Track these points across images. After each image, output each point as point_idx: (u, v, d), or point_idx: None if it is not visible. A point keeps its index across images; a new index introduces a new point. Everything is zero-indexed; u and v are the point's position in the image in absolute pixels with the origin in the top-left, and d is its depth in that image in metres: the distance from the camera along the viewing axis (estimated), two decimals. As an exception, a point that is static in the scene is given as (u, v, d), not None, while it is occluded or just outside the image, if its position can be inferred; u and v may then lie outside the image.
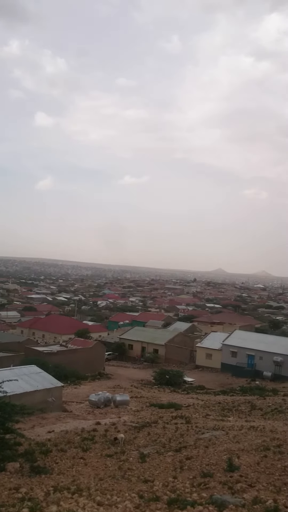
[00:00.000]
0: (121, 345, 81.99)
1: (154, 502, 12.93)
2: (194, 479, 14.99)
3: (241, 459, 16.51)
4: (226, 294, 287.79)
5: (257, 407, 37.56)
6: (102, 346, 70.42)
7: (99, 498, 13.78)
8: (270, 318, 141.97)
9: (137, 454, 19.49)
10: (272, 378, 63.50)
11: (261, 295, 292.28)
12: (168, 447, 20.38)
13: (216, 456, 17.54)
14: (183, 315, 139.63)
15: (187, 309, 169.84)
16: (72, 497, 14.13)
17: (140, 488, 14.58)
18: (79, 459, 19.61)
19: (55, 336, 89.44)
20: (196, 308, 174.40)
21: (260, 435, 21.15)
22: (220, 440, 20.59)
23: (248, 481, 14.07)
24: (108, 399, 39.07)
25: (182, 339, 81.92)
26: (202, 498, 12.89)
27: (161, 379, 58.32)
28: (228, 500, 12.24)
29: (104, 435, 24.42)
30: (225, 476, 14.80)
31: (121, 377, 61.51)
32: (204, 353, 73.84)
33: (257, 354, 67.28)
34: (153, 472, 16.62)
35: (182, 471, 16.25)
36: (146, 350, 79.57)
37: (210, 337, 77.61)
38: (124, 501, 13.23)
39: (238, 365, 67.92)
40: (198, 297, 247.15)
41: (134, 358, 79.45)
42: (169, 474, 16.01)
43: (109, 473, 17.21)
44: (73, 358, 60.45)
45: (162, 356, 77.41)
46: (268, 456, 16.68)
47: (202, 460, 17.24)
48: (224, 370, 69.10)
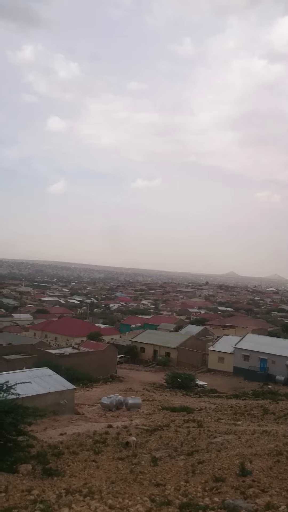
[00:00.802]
0: (133, 348, 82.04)
1: (165, 506, 12.88)
2: (206, 483, 14.91)
3: (253, 464, 16.39)
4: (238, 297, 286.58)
5: (269, 412, 37.27)
6: (114, 349, 70.51)
7: (111, 501, 13.77)
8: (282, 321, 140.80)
9: (149, 457, 19.44)
10: (285, 382, 63.04)
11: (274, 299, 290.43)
12: (180, 450, 20.31)
13: (228, 460, 17.44)
14: (195, 318, 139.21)
15: (199, 312, 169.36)
16: (83, 500, 14.14)
17: (152, 492, 14.54)
18: (91, 462, 19.61)
19: (68, 339, 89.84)
20: (208, 312, 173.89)
21: (272, 440, 20.99)
22: (233, 445, 20.47)
23: (261, 486, 13.96)
24: (120, 402, 39.08)
25: (194, 343, 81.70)
26: (214, 502, 12.81)
27: (173, 383, 58.21)
28: (240, 505, 12.15)
29: (116, 438, 24.40)
30: (238, 480, 14.70)
31: (133, 380, 61.48)
32: (216, 357, 73.55)
33: (269, 358, 66.87)
34: (165, 475, 16.56)
35: (194, 475, 16.17)
36: (158, 353, 79.48)
37: (222, 340, 77.31)
38: (136, 505, 13.20)
39: (250, 369, 67.56)
40: (210, 300, 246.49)
41: (146, 361, 79.39)
42: (181, 478, 15.94)
43: (120, 476, 17.18)
44: (85, 360, 60.61)
45: (174, 359, 77.28)
46: (281, 461, 16.54)
47: (214, 464, 17.14)
48: (236, 373, 68.77)
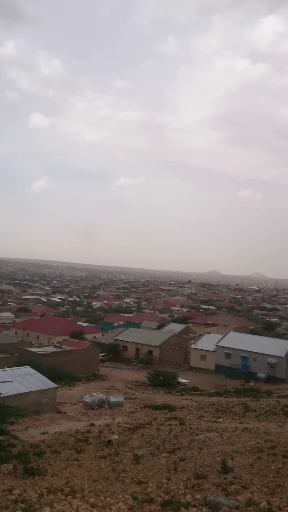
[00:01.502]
0: (116, 347, 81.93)
1: (147, 503, 12.90)
2: (188, 480, 14.98)
3: (235, 461, 16.52)
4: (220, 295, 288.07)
5: (251, 409, 37.61)
6: (96, 347, 70.32)
7: (93, 499, 13.75)
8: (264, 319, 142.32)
9: (131, 455, 19.45)
10: (266, 379, 63.63)
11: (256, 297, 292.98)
12: (162, 448, 20.36)
13: (210, 457, 17.54)
14: (178, 317, 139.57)
15: (181, 310, 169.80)
16: (65, 498, 14.09)
17: (134, 490, 14.56)
18: (73, 461, 19.55)
19: (49, 337, 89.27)
20: (190, 310, 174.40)
21: (254, 437, 21.18)
22: (214, 442, 20.59)
23: (242, 483, 14.08)
24: (102, 400, 39.01)
25: (176, 341, 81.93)
26: (196, 500, 12.88)
27: (155, 381, 58.32)
28: (222, 502, 12.24)
29: (98, 436, 24.36)
30: (219, 477, 14.80)
31: (115, 379, 61.43)
32: (198, 355, 73.87)
33: (251, 356, 67.41)
34: (147, 473, 16.60)
35: (176, 472, 16.23)
36: (141, 352, 79.53)
37: (204, 338, 77.66)
38: (118, 503, 13.20)
39: (232, 367, 68.02)
40: (192, 298, 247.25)
41: (128, 359, 79.39)
42: (163, 476, 15.99)
43: (103, 474, 17.16)
44: (67, 359, 60.33)
45: (157, 357, 77.42)
46: (262, 457, 16.70)
47: (196, 461, 17.23)
48: (218, 371, 69.18)
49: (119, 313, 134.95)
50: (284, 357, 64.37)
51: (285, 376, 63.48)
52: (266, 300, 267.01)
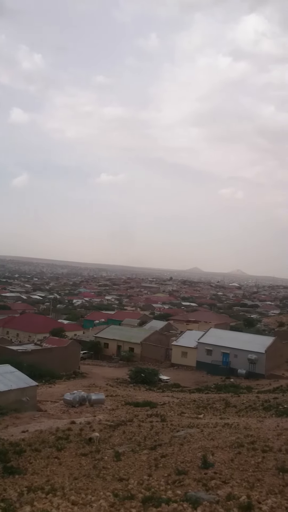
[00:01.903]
0: (97, 344, 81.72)
1: (129, 500, 12.91)
2: (169, 476, 15.03)
3: (215, 456, 16.62)
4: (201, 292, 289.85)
5: (231, 405, 37.92)
6: (77, 345, 70.03)
7: (74, 497, 13.70)
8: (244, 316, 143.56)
9: (112, 452, 19.44)
10: (246, 375, 64.26)
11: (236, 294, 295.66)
12: (143, 445, 20.39)
13: (191, 453, 17.63)
14: (159, 314, 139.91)
15: (163, 307, 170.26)
16: (46, 497, 14.01)
17: (115, 487, 14.55)
18: (53, 459, 19.45)
19: (30, 335, 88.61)
20: (172, 307, 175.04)
21: (234, 432, 21.35)
22: (195, 438, 20.70)
23: (222, 477, 14.17)
24: (83, 398, 38.88)
25: (158, 338, 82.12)
26: (177, 495, 12.93)
27: (137, 378, 58.36)
28: (202, 497, 12.30)
29: (79, 434, 24.29)
30: (200, 473, 14.87)
31: (96, 376, 61.29)
32: (179, 352, 74.17)
33: (232, 352, 67.98)
34: (128, 470, 16.60)
35: (157, 469, 16.27)
36: (122, 349, 79.51)
37: (186, 335, 78.04)
38: (99, 500, 13.18)
39: (213, 363, 68.51)
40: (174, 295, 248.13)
41: (109, 356, 79.30)
42: (144, 472, 16.01)
43: (83, 472, 17.12)
44: (48, 357, 59.93)
45: (138, 354, 77.49)
46: (242, 452, 16.84)
47: (177, 457, 17.29)
48: (199, 368, 69.60)
49: (100, 311, 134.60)
50: (264, 353, 65.08)
51: (265, 372, 64.22)
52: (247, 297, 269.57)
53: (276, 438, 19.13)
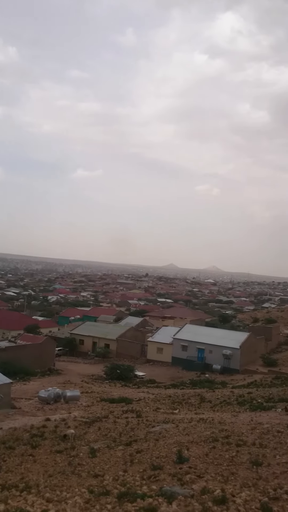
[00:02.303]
0: (72, 341, 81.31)
1: (104, 496, 12.89)
2: (144, 472, 15.07)
3: (190, 451, 16.73)
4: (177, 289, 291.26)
5: (206, 400, 38.25)
6: (52, 341, 69.53)
7: (48, 494, 13.61)
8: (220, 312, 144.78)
9: (87, 449, 19.38)
10: (221, 371, 64.90)
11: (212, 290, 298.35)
12: (119, 441, 20.39)
13: (166, 448, 17.70)
14: (135, 310, 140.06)
15: (138, 303, 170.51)
16: (20, 494, 13.89)
17: (90, 483, 14.52)
18: (28, 456, 19.29)
19: (4, 332, 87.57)
20: (147, 303, 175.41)
21: (209, 427, 21.52)
22: (170, 433, 20.79)
23: (197, 472, 14.28)
24: (58, 395, 38.65)
25: (133, 334, 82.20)
26: (152, 490, 12.97)
27: (112, 374, 58.34)
28: (177, 492, 12.37)
29: (54, 431, 24.15)
30: (175, 468, 14.96)
31: (71, 373, 61.02)
32: (155, 347, 74.41)
33: (207, 348, 68.55)
34: (104, 466, 16.58)
35: (132, 464, 16.29)
36: (97, 345, 79.33)
37: (161, 331, 78.32)
38: (74, 497, 13.12)
39: (188, 359, 68.95)
40: (149, 292, 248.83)
41: (85, 353, 79.02)
42: (119, 468, 16.01)
43: (58, 469, 17.03)
44: (22, 354, 59.31)
45: (114, 351, 77.45)
46: (216, 447, 16.99)
47: (152, 453, 17.35)
48: (175, 364, 69.98)
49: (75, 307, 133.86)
50: (238, 349, 65.85)
51: (239, 367, 65.00)
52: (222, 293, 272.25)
53: (250, 432, 19.37)
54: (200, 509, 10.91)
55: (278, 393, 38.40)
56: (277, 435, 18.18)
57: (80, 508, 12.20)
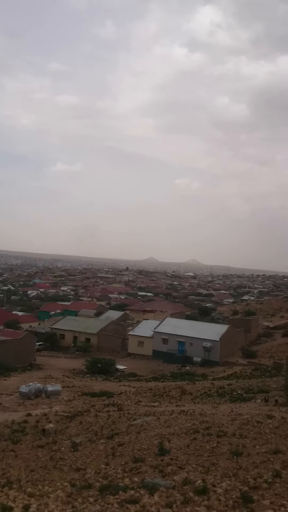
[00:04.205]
0: (53, 335, 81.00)
1: (86, 489, 12.94)
2: (126, 464, 15.15)
3: (171, 443, 16.87)
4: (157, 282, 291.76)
5: (187, 392, 38.56)
6: (33, 336, 69.12)
7: (30, 489, 13.60)
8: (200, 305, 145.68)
9: (69, 443, 19.39)
10: (201, 363, 65.46)
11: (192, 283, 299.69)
12: (100, 434, 20.44)
13: (148, 441, 17.82)
14: (115, 304, 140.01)
15: (119, 297, 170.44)
16: (2, 490, 13.83)
17: (72, 477, 14.54)
18: (9, 452, 19.20)
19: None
20: (128, 297, 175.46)
21: (190, 419, 21.72)
22: (152, 426, 20.92)
23: (178, 463, 14.41)
24: (39, 390, 38.49)
25: (114, 328, 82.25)
26: (134, 482, 13.07)
27: (93, 368, 58.35)
28: (159, 483, 12.49)
29: (35, 426, 24.08)
30: (156, 460, 15.07)
31: (52, 368, 60.80)
32: (136, 341, 74.62)
33: (187, 341, 69.00)
34: (85, 460, 16.62)
35: (114, 457, 16.37)
36: (78, 340, 79.16)
37: (142, 325, 78.55)
38: (56, 491, 13.14)
39: (169, 352, 69.33)
40: (130, 285, 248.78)
41: (66, 347, 78.79)
42: (101, 461, 16.07)
43: (40, 464, 17.00)
44: (2, 349, 58.83)
45: (94, 345, 77.40)
46: (197, 438, 17.16)
47: (134, 445, 17.45)
48: (156, 357, 70.29)
49: (56, 302, 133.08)
50: (218, 341, 66.47)
51: (219, 359, 65.65)
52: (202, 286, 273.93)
53: (231, 423, 19.61)
54: (182, 499, 11.03)
55: (258, 384, 38.95)
56: (256, 426, 18.45)
57: (62, 502, 12.23)
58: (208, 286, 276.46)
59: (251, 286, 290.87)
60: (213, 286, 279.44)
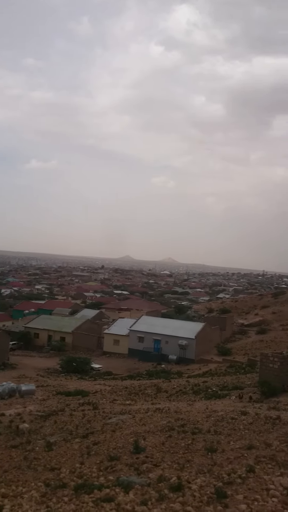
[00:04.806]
0: (27, 334, 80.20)
1: (61, 489, 12.83)
2: (101, 463, 15.09)
3: (147, 441, 16.88)
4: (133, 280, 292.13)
5: (162, 390, 38.67)
6: (6, 335, 68.21)
7: (4, 490, 13.41)
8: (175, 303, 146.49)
9: (43, 443, 19.21)
10: (177, 361, 65.79)
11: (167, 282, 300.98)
12: (75, 433, 20.32)
13: (123, 439, 17.79)
14: (91, 302, 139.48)
15: (94, 296, 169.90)
16: (-26, 492, 13.59)
17: (47, 477, 14.40)
18: (-18, 453, 18.89)
19: None
20: (104, 295, 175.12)
21: (165, 417, 21.77)
22: (127, 424, 20.90)
23: (154, 461, 14.42)
24: (12, 389, 38.02)
25: (89, 326, 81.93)
26: (109, 481, 13.01)
27: (68, 367, 58.03)
28: (134, 481, 12.47)
29: (9, 426, 23.77)
30: (132, 458, 15.05)
31: (26, 367, 60.19)
32: (111, 340, 74.51)
33: (163, 339, 69.27)
34: (60, 459, 16.49)
35: (89, 456, 16.28)
36: (53, 339, 78.56)
37: (118, 323, 78.48)
38: (30, 491, 12.99)
39: (145, 350, 69.45)
40: (106, 284, 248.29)
41: (40, 347, 78.11)
42: (76, 461, 15.96)
43: (14, 464, 16.79)
44: (-25, 349, 57.99)
45: (70, 343, 76.97)
46: (172, 436, 17.21)
47: (109, 444, 17.40)
48: (131, 355, 70.32)
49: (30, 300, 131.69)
50: (194, 339, 66.92)
51: (195, 357, 66.11)
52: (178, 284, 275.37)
53: (205, 420, 19.75)
54: (157, 497, 11.04)
55: (232, 381, 39.36)
56: (231, 422, 18.62)
57: (37, 502, 12.09)
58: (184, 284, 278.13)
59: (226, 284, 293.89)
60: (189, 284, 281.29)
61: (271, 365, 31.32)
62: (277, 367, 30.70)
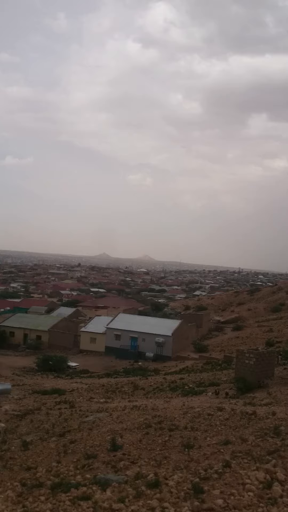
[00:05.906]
0: (2, 333, 79.26)
1: (37, 488, 12.72)
2: (78, 461, 15.02)
3: (124, 438, 16.88)
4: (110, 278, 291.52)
5: (139, 387, 38.73)
6: (-18, 334, 67.41)
7: (-21, 491, 13.22)
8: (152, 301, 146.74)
9: (19, 442, 19.01)
10: (154, 358, 66.04)
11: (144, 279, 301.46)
12: (52, 432, 20.18)
13: (100, 437, 17.75)
14: (67, 300, 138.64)
15: (71, 294, 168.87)
16: None
17: (23, 476, 14.26)
18: None
19: None
20: (80, 293, 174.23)
21: (142, 414, 21.80)
22: (104, 422, 20.86)
23: (131, 458, 14.44)
24: (-12, 389, 37.51)
25: (66, 325, 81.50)
26: (86, 479, 12.97)
27: (44, 366, 57.60)
28: (111, 479, 12.46)
29: (-16, 426, 23.43)
30: (109, 456, 15.04)
31: (1, 366, 59.43)
32: (88, 338, 74.27)
33: (140, 336, 69.39)
34: (36, 458, 16.35)
35: (66, 455, 16.19)
36: (29, 337, 77.87)
37: (94, 321, 78.28)
38: (6, 491, 12.84)
39: (121, 348, 69.48)
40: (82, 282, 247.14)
41: (16, 345, 77.33)
42: (52, 459, 15.86)
43: (-11, 464, 16.57)
44: None
45: (46, 342, 76.44)
46: (149, 433, 17.25)
47: (86, 442, 17.33)
48: (108, 353, 70.26)
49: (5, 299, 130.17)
50: (171, 336, 67.24)
51: (172, 354, 66.45)
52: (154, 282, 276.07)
53: (182, 416, 19.85)
54: (134, 494, 11.05)
55: (209, 377, 39.69)
56: (207, 418, 18.76)
57: (13, 501, 11.97)
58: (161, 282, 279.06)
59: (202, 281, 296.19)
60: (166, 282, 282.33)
61: (247, 361, 31.73)
62: (252, 363, 31.12)
